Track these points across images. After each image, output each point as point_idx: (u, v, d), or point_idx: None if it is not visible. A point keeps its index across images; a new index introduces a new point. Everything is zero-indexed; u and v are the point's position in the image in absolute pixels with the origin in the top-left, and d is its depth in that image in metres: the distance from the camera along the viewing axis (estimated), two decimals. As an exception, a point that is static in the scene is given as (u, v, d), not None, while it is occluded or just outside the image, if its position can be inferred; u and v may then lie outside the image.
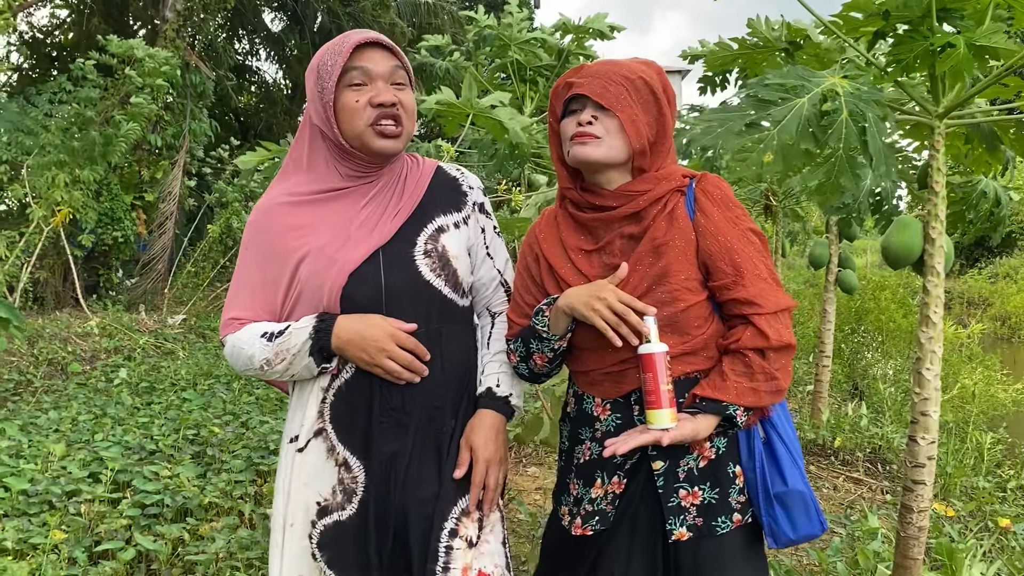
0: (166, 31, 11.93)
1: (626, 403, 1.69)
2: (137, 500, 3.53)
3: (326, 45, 1.72)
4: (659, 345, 1.58)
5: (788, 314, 1.64)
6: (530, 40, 5.30)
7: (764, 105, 2.02)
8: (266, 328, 1.71)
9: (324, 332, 1.66)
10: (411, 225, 1.73)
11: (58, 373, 6.99)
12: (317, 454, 1.71)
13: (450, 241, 1.76)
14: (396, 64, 1.68)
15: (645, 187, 1.68)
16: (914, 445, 2.41)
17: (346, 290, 1.66)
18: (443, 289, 1.73)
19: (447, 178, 1.85)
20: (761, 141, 1.95)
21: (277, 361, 1.68)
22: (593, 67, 1.69)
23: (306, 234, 1.70)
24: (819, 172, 2.01)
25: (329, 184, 1.73)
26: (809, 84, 2.04)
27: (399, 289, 1.69)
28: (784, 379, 1.62)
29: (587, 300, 1.61)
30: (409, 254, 1.71)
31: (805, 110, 2.01)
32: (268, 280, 1.73)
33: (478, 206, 1.85)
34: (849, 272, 5.51)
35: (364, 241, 1.69)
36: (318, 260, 1.68)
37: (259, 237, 1.76)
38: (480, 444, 1.73)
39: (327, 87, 1.65)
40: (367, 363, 1.65)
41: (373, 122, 1.65)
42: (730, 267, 1.63)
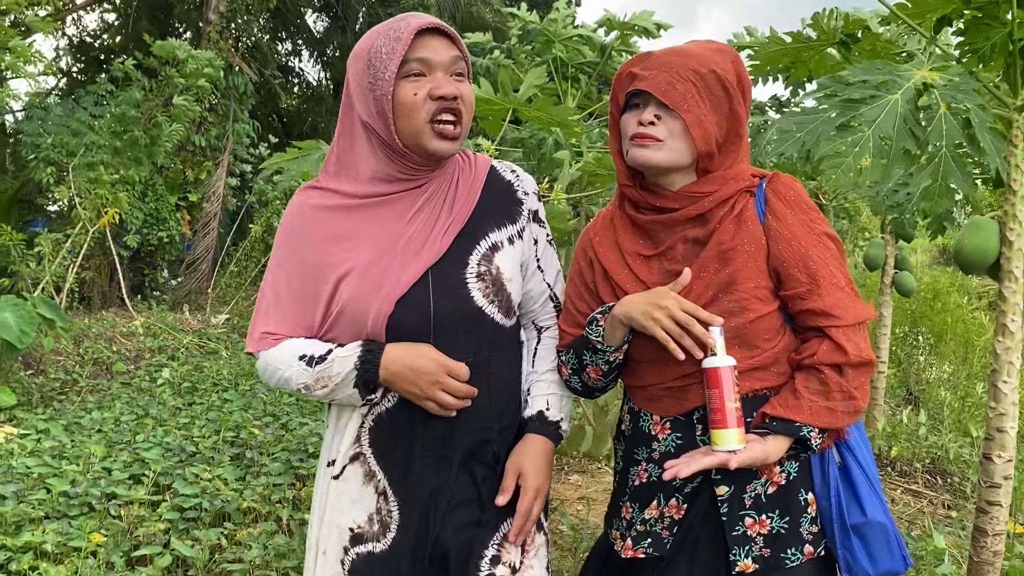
0: (209, 33, 12.04)
1: (688, 422, 1.56)
2: (176, 503, 3.52)
3: (376, 29, 1.55)
4: (726, 359, 1.45)
5: (866, 327, 1.51)
6: (574, 37, 5.20)
7: (852, 105, 1.84)
8: (305, 350, 1.58)
9: (371, 364, 1.52)
10: (463, 242, 1.58)
11: (103, 372, 7.07)
12: (354, 480, 1.60)
13: (504, 261, 1.61)
14: (457, 54, 1.53)
15: (711, 188, 1.55)
16: (989, 463, 2.24)
17: (392, 317, 1.52)
18: (495, 316, 1.59)
19: (501, 183, 1.68)
20: (856, 144, 1.78)
21: (317, 387, 1.56)
22: (660, 57, 1.54)
23: (348, 248, 1.56)
24: (924, 175, 1.83)
25: (373, 188, 1.58)
26: (898, 79, 1.87)
27: (449, 316, 1.55)
28: (862, 398, 1.49)
29: (646, 309, 1.48)
30: (461, 276, 1.56)
31: (900, 107, 1.84)
32: (305, 294, 1.59)
33: (532, 214, 1.70)
34: (906, 274, 5.30)
35: (412, 262, 1.54)
36: (363, 282, 1.53)
37: (295, 245, 1.62)
38: (530, 472, 1.60)
39: (383, 78, 1.48)
40: (418, 397, 1.53)
41: (433, 118, 1.49)
42: (804, 275, 1.49)
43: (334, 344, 1.57)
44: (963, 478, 4.60)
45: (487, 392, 1.60)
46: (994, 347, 2.27)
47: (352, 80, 1.56)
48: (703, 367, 1.46)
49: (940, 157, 1.84)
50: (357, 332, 1.55)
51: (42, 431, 4.69)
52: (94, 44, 16.25)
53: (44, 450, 4.18)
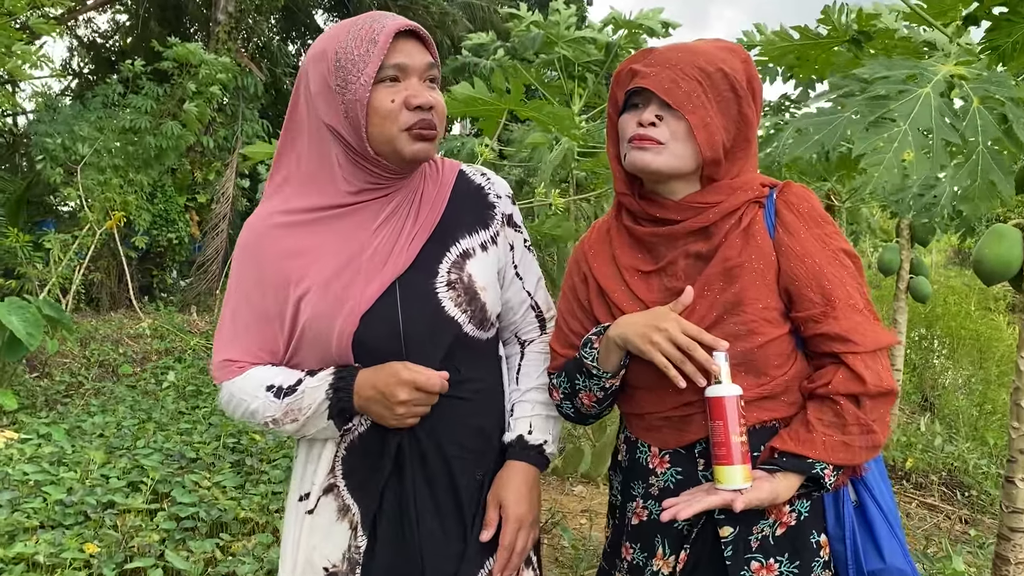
0: (218, 33, 12.01)
1: (689, 455, 1.42)
2: (173, 512, 3.46)
3: (342, 28, 1.42)
4: (731, 387, 1.32)
5: (886, 353, 1.37)
6: (578, 39, 5.10)
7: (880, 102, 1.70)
8: (273, 379, 1.46)
9: (344, 391, 1.41)
10: (432, 249, 1.47)
11: (109, 375, 7.05)
12: (327, 514, 1.49)
13: (477, 268, 1.49)
14: (431, 60, 1.43)
15: (716, 198, 1.41)
16: (1011, 487, 2.12)
17: (358, 335, 1.41)
18: (468, 327, 1.47)
19: (471, 187, 1.57)
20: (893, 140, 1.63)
21: (286, 420, 1.44)
22: (663, 53, 1.40)
23: (307, 263, 1.44)
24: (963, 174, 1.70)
25: (335, 199, 1.45)
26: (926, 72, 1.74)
27: (419, 329, 1.43)
28: (882, 431, 1.34)
29: (644, 331, 1.35)
30: (430, 286, 1.45)
31: (933, 100, 1.71)
32: (265, 316, 1.47)
33: (507, 218, 1.58)
34: (922, 279, 5.17)
35: (377, 274, 1.42)
36: (323, 298, 1.42)
37: (251, 264, 1.49)
38: (511, 501, 1.49)
39: (358, 82, 1.36)
40: (394, 424, 1.43)
41: (409, 127, 1.38)
42: (819, 295, 1.35)
43: (303, 372, 1.46)
44: (981, 491, 4.48)
45: (464, 409, 1.49)
46: (1017, 363, 2.14)
47: (314, 81, 1.43)
48: (706, 396, 1.33)
49: (978, 154, 1.70)
50: (323, 354, 1.45)
51: (43, 436, 4.66)
52: (105, 45, 16.28)
53: (43, 456, 4.15)
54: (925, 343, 8.25)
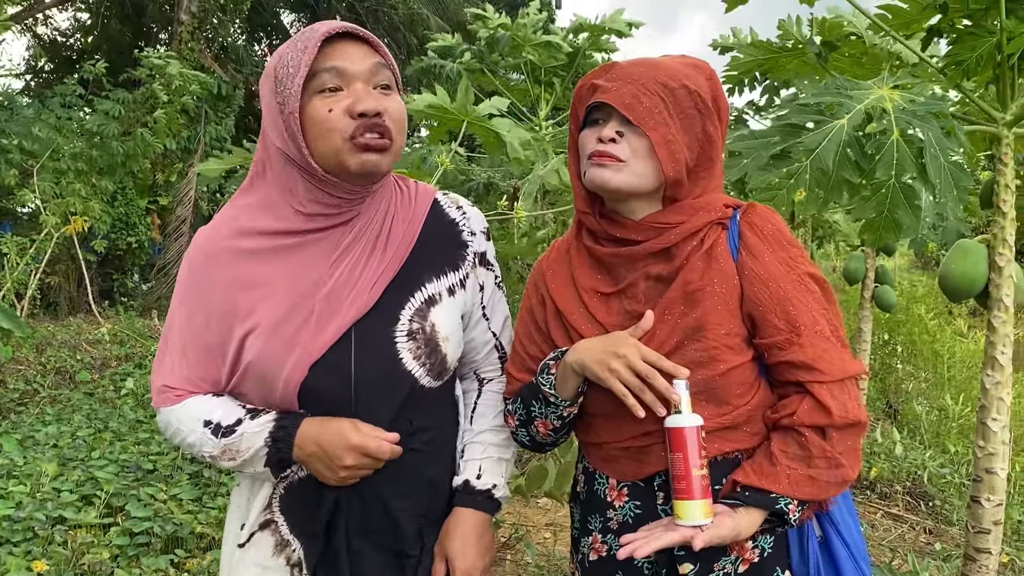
0: (181, 34, 11.82)
1: (648, 488, 1.37)
2: (127, 527, 3.36)
3: (284, 45, 1.32)
4: (692, 417, 1.27)
5: (855, 383, 1.32)
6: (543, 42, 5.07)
7: (794, 131, 1.68)
8: (212, 414, 1.37)
9: (284, 443, 1.32)
10: (395, 293, 1.36)
11: (66, 382, 6.89)
12: (263, 549, 1.40)
13: (442, 317, 1.39)
14: (378, 61, 1.30)
15: (678, 218, 1.36)
16: (978, 507, 2.09)
17: (306, 383, 1.31)
18: (422, 380, 1.38)
19: (444, 221, 1.46)
20: (791, 176, 1.63)
21: (224, 459, 1.36)
22: (626, 67, 1.35)
23: (257, 297, 1.33)
24: (869, 206, 1.68)
25: (292, 224, 1.35)
26: (849, 101, 1.71)
27: (373, 380, 1.34)
28: (851, 465, 1.28)
29: (602, 357, 1.29)
30: (389, 335, 1.34)
31: (844, 135, 1.68)
32: (207, 346, 1.38)
33: (479, 257, 1.48)
34: (887, 288, 5.19)
35: (333, 318, 1.31)
36: (272, 341, 1.31)
37: (198, 288, 1.39)
38: (458, 553, 1.40)
39: (290, 94, 1.26)
40: (334, 484, 1.34)
41: (352, 136, 1.26)
42: (783, 321, 1.30)
43: (244, 411, 1.37)
44: (944, 501, 4.49)
45: (413, 462, 1.39)
46: (982, 381, 2.12)
47: (264, 104, 1.35)
48: (666, 426, 1.27)
49: (887, 188, 1.69)
50: (266, 395, 1.35)
51: (-6, 447, 4.51)
52: (66, 43, 15.97)
53: (-7, 468, 4.02)
54: (888, 349, 8.31)
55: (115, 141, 9.24)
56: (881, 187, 1.69)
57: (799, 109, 1.73)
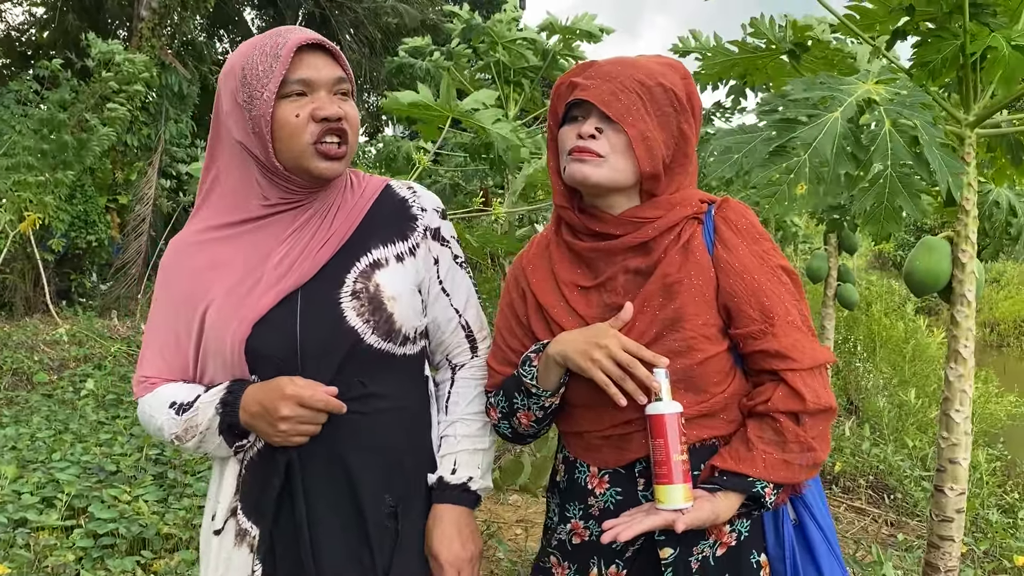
0: (141, 30, 11.64)
1: (629, 475, 1.40)
2: (90, 529, 3.31)
3: (250, 43, 1.42)
4: (672, 404, 1.30)
5: (826, 371, 1.37)
6: (517, 40, 5.08)
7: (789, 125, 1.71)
8: (176, 396, 1.44)
9: (232, 406, 1.37)
10: (340, 259, 1.43)
11: (23, 383, 6.75)
12: (229, 538, 1.43)
13: (387, 278, 1.44)
14: (340, 74, 1.41)
15: (655, 213, 1.40)
16: (941, 496, 2.15)
17: (251, 342, 1.37)
18: (368, 338, 1.41)
19: (394, 200, 1.54)
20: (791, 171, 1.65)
21: (187, 437, 1.41)
22: (604, 66, 1.39)
23: (217, 275, 1.43)
24: (868, 197, 1.71)
25: (250, 212, 1.45)
26: (839, 94, 1.75)
27: (318, 340, 1.39)
28: (822, 449, 1.34)
29: (584, 348, 1.32)
30: (334, 296, 1.40)
31: (839, 127, 1.72)
32: (178, 332, 1.46)
33: (431, 232, 1.54)
34: (849, 287, 5.29)
35: (278, 281, 1.39)
36: (224, 306, 1.40)
37: (169, 281, 1.49)
38: (439, 546, 1.43)
39: (261, 98, 1.35)
40: (278, 442, 1.37)
41: (316, 140, 1.37)
42: (758, 312, 1.34)
43: (203, 388, 1.43)
44: (905, 493, 4.59)
45: (366, 425, 1.42)
46: (945, 374, 2.17)
47: (225, 98, 1.42)
48: (646, 414, 1.31)
49: (885, 178, 1.73)
50: (222, 365, 1.41)
51: (-52, 451, 4.41)
52: (20, 39, 15.64)
53: (-52, 472, 3.92)
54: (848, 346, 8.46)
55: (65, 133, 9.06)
56: (879, 178, 1.73)
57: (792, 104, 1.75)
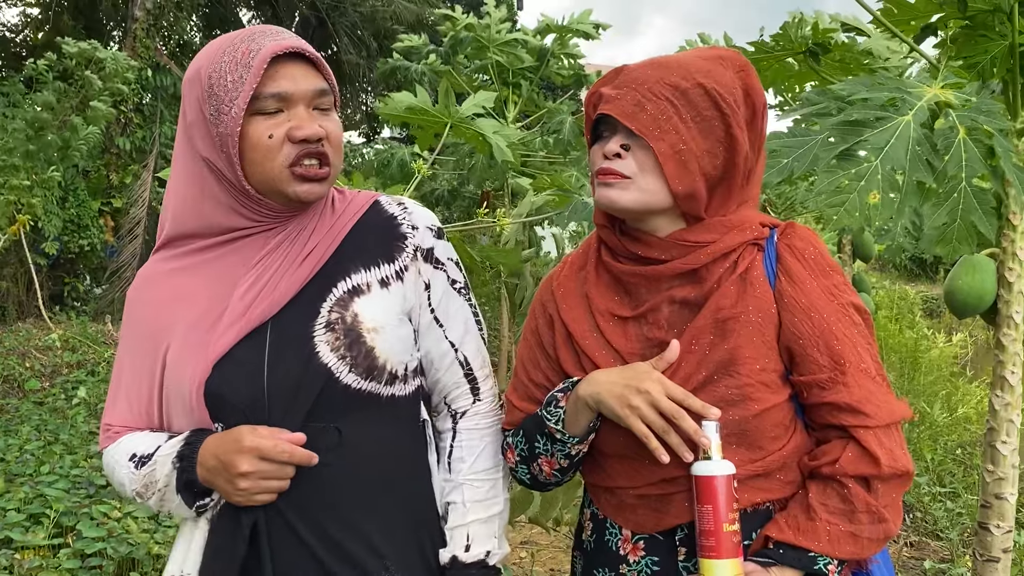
0: (135, 31, 11.52)
1: (668, 542, 1.22)
2: (78, 548, 3.19)
3: (219, 45, 1.23)
4: (723, 465, 1.12)
5: (900, 429, 1.19)
6: (510, 42, 4.97)
7: (854, 128, 1.53)
8: (135, 447, 1.27)
9: (189, 460, 1.19)
10: (316, 287, 1.25)
11: (14, 391, 6.64)
12: None
13: (367, 307, 1.25)
14: (322, 85, 1.23)
15: (708, 237, 1.22)
16: (986, 535, 1.99)
17: (210, 385, 1.19)
18: (344, 377, 1.21)
19: (382, 216, 1.34)
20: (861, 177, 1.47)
21: (148, 495, 1.24)
22: (633, 71, 1.22)
23: (180, 309, 1.26)
24: (941, 212, 1.54)
25: (216, 235, 1.27)
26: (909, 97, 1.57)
27: (288, 381, 1.20)
28: (895, 520, 1.16)
29: (622, 392, 1.15)
30: (308, 329, 1.22)
31: (912, 131, 1.54)
32: (139, 374, 1.29)
33: (423, 252, 1.33)
34: (865, 296, 5.15)
35: (244, 313, 1.21)
36: (184, 345, 1.22)
37: (133, 316, 1.32)
38: None
39: (228, 113, 1.18)
40: (239, 502, 1.18)
41: (293, 163, 1.19)
42: (827, 357, 1.17)
43: (165, 438, 1.26)
44: (925, 512, 4.45)
45: (343, 480, 1.23)
46: (991, 402, 2.02)
47: (189, 108, 1.24)
48: (693, 474, 1.14)
49: (960, 192, 1.56)
50: (185, 413, 1.23)
51: (-66, 463, 4.30)
52: (14, 40, 15.51)
53: (-68, 486, 3.81)
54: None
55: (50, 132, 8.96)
56: (953, 191, 1.56)
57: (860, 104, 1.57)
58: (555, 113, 5.61)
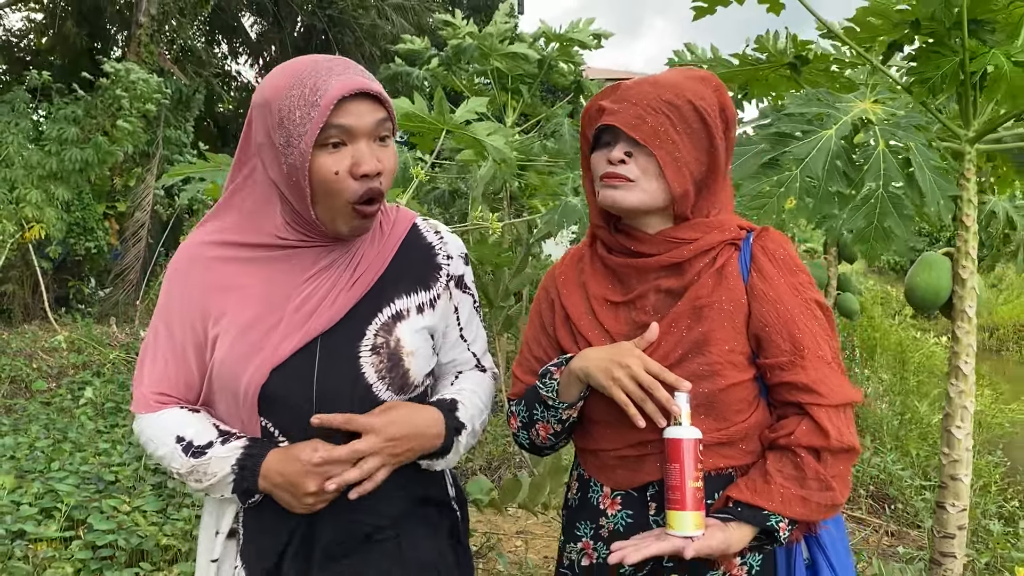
0: (140, 36, 11.64)
1: (641, 498, 1.40)
2: (89, 540, 3.29)
3: (287, 75, 1.31)
4: (691, 430, 1.30)
5: (852, 410, 1.37)
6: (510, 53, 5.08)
7: (783, 140, 1.73)
8: (184, 430, 1.37)
9: (251, 471, 1.33)
10: (364, 307, 1.39)
11: (21, 391, 6.73)
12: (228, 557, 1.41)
13: (407, 332, 1.41)
14: (382, 116, 1.33)
15: (692, 235, 1.41)
16: (943, 512, 2.15)
17: (267, 389, 1.33)
18: (383, 395, 1.38)
19: (421, 244, 1.50)
20: (781, 184, 1.67)
21: (191, 479, 1.36)
22: (631, 88, 1.39)
23: (231, 301, 1.37)
24: (858, 216, 1.73)
25: (268, 239, 1.40)
26: (835, 112, 1.77)
27: (335, 393, 1.35)
28: (841, 490, 1.32)
29: (607, 366, 1.33)
30: (354, 349, 1.36)
31: (832, 144, 1.73)
32: (183, 348, 1.41)
33: (455, 280, 1.51)
34: (849, 296, 5.28)
35: (300, 327, 1.34)
36: (239, 342, 1.34)
37: (178, 291, 1.43)
38: (383, 420, 1.34)
39: (297, 147, 1.28)
40: (301, 512, 1.34)
41: (356, 200, 1.31)
42: (788, 343, 1.34)
43: (217, 433, 1.37)
44: (907, 503, 4.57)
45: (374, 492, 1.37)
46: (947, 391, 2.18)
47: (259, 130, 1.35)
48: (664, 437, 1.31)
49: (877, 198, 1.74)
50: (231, 399, 1.37)
51: (-54, 460, 4.40)
52: (18, 45, 15.63)
53: (-55, 483, 3.90)
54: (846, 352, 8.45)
55: (75, 148, 9.07)
56: (870, 197, 1.74)
57: (787, 118, 1.77)
58: (554, 117, 5.73)
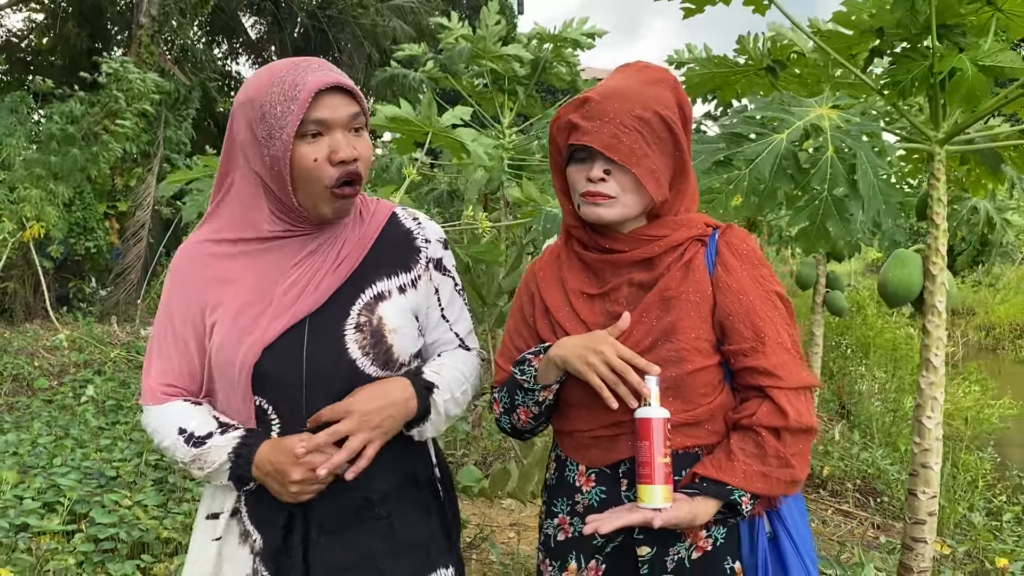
0: (140, 37, 11.71)
1: (614, 475, 1.49)
2: (91, 534, 3.35)
3: (268, 75, 1.44)
4: (660, 410, 1.39)
5: (810, 393, 1.47)
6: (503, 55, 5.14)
7: (737, 140, 1.84)
8: (186, 421, 1.48)
9: (244, 459, 1.43)
10: (347, 290, 1.49)
11: (23, 389, 6.77)
12: (231, 537, 1.49)
13: (390, 311, 1.51)
14: (355, 110, 1.45)
15: (662, 232, 1.50)
16: (914, 499, 2.23)
17: (259, 368, 1.43)
18: (367, 369, 1.48)
19: (400, 230, 1.60)
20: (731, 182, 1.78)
21: (193, 468, 1.46)
22: (600, 104, 1.44)
23: (227, 292, 1.48)
24: (802, 215, 1.84)
25: (259, 232, 1.50)
26: (790, 117, 1.88)
27: (323, 370, 1.45)
28: (800, 468, 1.41)
29: (582, 352, 1.43)
30: (339, 328, 1.47)
31: (782, 148, 1.85)
32: (185, 341, 1.52)
33: (434, 263, 1.61)
34: (838, 294, 5.36)
35: (288, 309, 1.45)
36: (232, 328, 1.45)
37: (179, 288, 1.54)
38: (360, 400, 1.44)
39: (279, 139, 1.40)
40: (289, 500, 1.43)
41: (334, 184, 1.42)
42: (750, 331, 1.44)
43: (216, 424, 1.47)
44: (893, 497, 4.65)
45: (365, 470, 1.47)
46: (918, 382, 2.26)
47: (242, 128, 1.47)
48: (635, 417, 1.40)
49: (821, 200, 1.85)
50: (229, 384, 1.47)
51: (-51, 456, 4.45)
52: (19, 45, 15.70)
53: (-51, 478, 3.96)
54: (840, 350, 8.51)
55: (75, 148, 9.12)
56: (815, 199, 1.86)
57: (745, 120, 1.87)
58: (549, 118, 5.78)
